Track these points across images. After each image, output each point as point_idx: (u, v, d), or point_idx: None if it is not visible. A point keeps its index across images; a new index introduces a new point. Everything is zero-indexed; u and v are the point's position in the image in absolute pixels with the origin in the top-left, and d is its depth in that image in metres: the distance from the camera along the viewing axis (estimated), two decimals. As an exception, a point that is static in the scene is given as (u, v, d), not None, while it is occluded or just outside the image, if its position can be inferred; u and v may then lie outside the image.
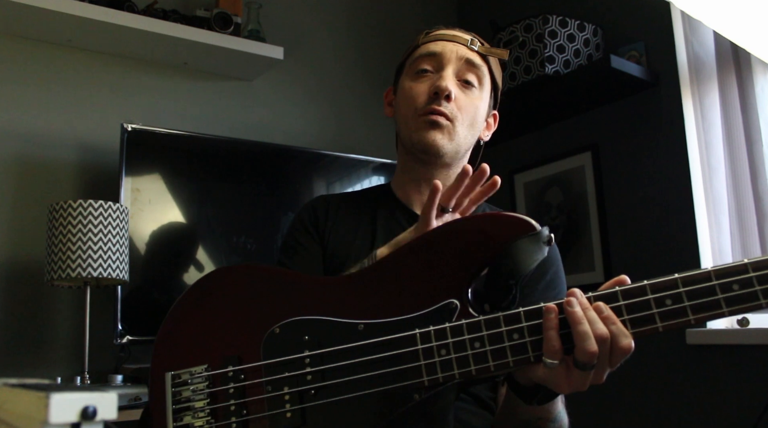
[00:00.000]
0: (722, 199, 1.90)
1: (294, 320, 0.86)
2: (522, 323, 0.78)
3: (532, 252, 0.83)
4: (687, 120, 2.03)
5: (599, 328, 0.75)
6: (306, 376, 0.83)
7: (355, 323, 0.84)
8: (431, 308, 0.82)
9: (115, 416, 0.43)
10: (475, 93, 1.11)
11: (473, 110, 1.11)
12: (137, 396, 1.58)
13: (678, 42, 2.07)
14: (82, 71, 2.09)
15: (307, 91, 2.51)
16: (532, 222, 0.82)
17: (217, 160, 2.11)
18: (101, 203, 1.71)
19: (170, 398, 0.88)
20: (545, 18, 2.16)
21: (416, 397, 0.79)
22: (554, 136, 2.47)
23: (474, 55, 1.11)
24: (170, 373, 0.89)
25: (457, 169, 1.16)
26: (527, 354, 0.77)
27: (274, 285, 0.90)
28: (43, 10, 1.85)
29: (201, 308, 0.92)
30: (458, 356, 0.78)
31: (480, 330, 0.79)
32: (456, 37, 1.12)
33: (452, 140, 1.10)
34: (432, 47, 1.12)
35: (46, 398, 0.41)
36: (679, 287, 0.78)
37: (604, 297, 0.78)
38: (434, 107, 1.07)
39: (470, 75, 1.11)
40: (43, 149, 1.99)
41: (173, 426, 0.86)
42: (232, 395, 0.85)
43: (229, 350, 0.88)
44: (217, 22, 2.14)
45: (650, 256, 2.10)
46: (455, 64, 1.10)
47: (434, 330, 0.80)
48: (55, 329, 1.92)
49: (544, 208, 2.46)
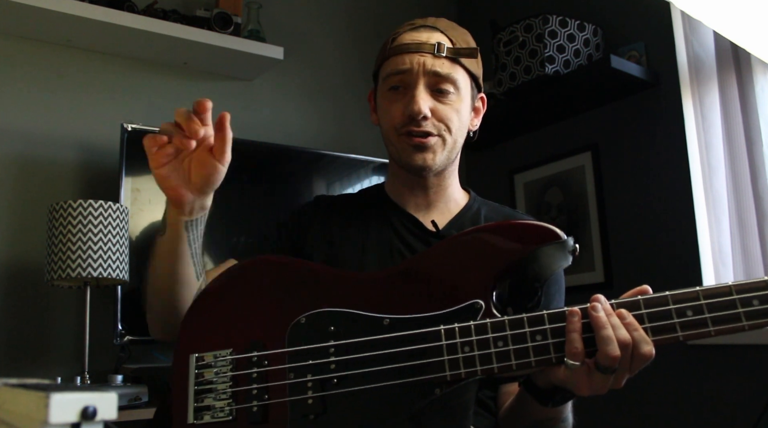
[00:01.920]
0: (722, 199, 1.90)
1: (320, 311, 0.88)
2: (545, 325, 0.80)
3: (558, 259, 0.87)
4: (687, 120, 2.03)
5: (622, 333, 0.78)
6: (330, 365, 0.85)
7: (381, 317, 0.86)
8: (457, 307, 0.84)
9: (115, 416, 0.43)
10: (452, 98, 1.08)
11: (456, 116, 1.09)
12: (137, 396, 1.58)
13: (678, 42, 2.07)
14: (82, 71, 2.09)
15: (307, 91, 2.51)
16: (559, 232, 0.86)
17: (217, 160, 2.11)
18: (101, 203, 1.71)
19: (193, 379, 0.89)
20: (545, 18, 2.16)
21: (437, 392, 0.81)
22: (554, 136, 2.47)
23: (442, 65, 1.07)
24: (194, 355, 0.91)
25: (452, 171, 1.16)
26: (549, 355, 0.80)
27: (302, 277, 0.93)
28: (43, 10, 1.85)
29: (229, 294, 0.95)
30: (481, 353, 0.80)
31: (504, 330, 0.81)
32: (421, 47, 1.07)
33: (443, 152, 1.09)
34: (399, 64, 1.08)
35: (46, 398, 0.41)
36: (701, 300, 0.79)
37: (626, 305, 0.81)
38: (413, 128, 1.06)
39: (443, 84, 1.07)
40: (43, 149, 1.99)
41: (194, 407, 0.88)
42: (255, 379, 0.87)
43: (254, 336, 0.90)
44: (217, 22, 2.14)
45: (650, 256, 2.10)
46: (425, 79, 1.06)
47: (459, 327, 0.82)
48: (55, 329, 1.92)
49: (544, 208, 2.46)
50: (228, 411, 0.86)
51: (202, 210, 0.96)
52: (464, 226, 1.13)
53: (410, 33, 1.11)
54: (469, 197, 1.21)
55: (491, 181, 2.65)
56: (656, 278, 2.07)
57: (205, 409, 0.87)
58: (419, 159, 1.08)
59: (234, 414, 0.86)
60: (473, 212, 1.17)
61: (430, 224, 1.10)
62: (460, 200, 1.19)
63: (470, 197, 1.21)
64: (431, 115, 1.06)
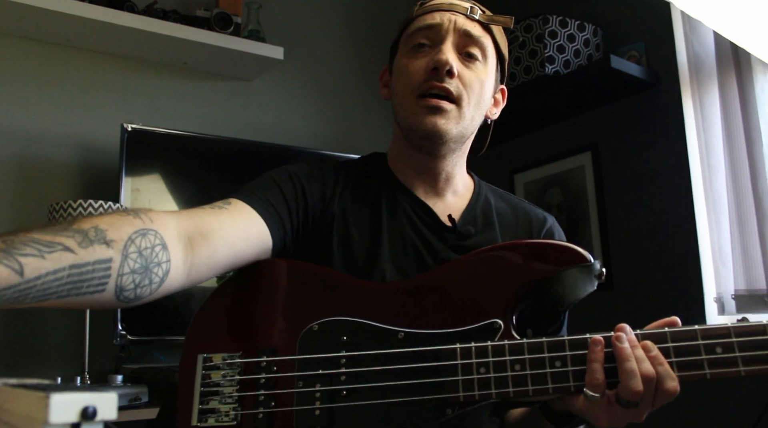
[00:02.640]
0: (722, 199, 1.90)
1: (334, 319, 0.85)
2: (565, 351, 0.77)
3: (583, 283, 0.82)
4: (687, 120, 2.03)
5: (646, 367, 0.74)
6: (340, 376, 0.82)
7: (396, 330, 0.83)
8: (474, 326, 0.81)
9: (115, 416, 0.43)
10: (479, 67, 1.00)
11: (479, 86, 1.00)
12: (137, 396, 1.58)
13: (678, 42, 2.07)
14: (82, 71, 2.09)
15: (307, 91, 2.51)
16: (586, 254, 0.82)
17: (217, 160, 2.11)
18: (101, 203, 1.71)
19: (199, 380, 0.87)
20: (545, 18, 2.16)
21: (449, 412, 0.78)
22: (554, 136, 2.47)
23: (475, 26, 0.99)
24: (202, 355, 0.88)
25: (461, 155, 1.08)
26: (568, 383, 0.76)
27: (316, 283, 0.90)
28: (43, 10, 1.85)
29: (241, 296, 0.92)
30: (497, 376, 0.77)
31: (522, 353, 0.77)
32: (454, 6, 1.00)
33: (459, 123, 0.99)
34: (428, 19, 1.00)
35: (46, 398, 0.41)
36: (732, 337, 0.75)
37: (652, 336, 0.77)
38: (435, 83, 0.96)
39: (472, 47, 0.99)
40: (43, 149, 1.99)
41: (199, 408, 0.85)
42: (263, 385, 0.84)
43: (264, 340, 0.87)
44: (217, 22, 2.14)
45: (650, 256, 2.10)
46: (454, 37, 0.99)
47: (475, 347, 0.79)
48: (55, 329, 1.92)
49: (544, 208, 2.45)
50: (233, 415, 0.84)
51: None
52: (477, 220, 1.06)
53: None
54: (474, 183, 1.14)
55: (491, 181, 2.63)
56: (656, 278, 2.07)
57: (210, 412, 0.85)
58: (430, 122, 0.97)
59: (239, 419, 0.84)
60: (483, 203, 1.10)
61: (445, 216, 1.03)
62: (465, 187, 1.12)
63: (475, 183, 1.14)
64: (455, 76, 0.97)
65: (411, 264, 0.99)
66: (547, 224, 1.12)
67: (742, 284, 1.84)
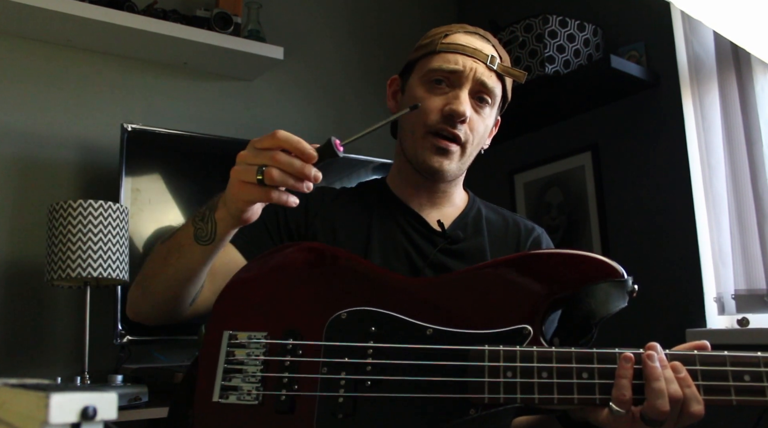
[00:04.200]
0: (722, 199, 1.90)
1: (363, 309, 0.86)
2: (593, 364, 0.77)
3: (615, 298, 0.83)
4: (687, 120, 2.03)
5: (674, 388, 0.75)
6: (366, 366, 0.83)
7: (425, 326, 0.84)
8: (504, 329, 0.82)
9: (115, 416, 0.43)
10: (486, 111, 1.09)
11: (483, 130, 1.10)
12: (137, 396, 1.58)
13: (678, 42, 2.07)
14: (82, 71, 2.09)
15: (307, 91, 2.51)
16: (620, 269, 0.83)
17: (217, 160, 2.11)
18: (101, 203, 1.71)
19: (223, 357, 0.87)
20: (545, 18, 2.16)
21: (472, 412, 0.79)
22: (554, 136, 2.47)
23: (491, 75, 1.07)
24: (228, 332, 0.89)
25: (460, 176, 1.16)
26: (594, 396, 0.77)
27: (348, 271, 0.91)
28: (43, 10, 1.85)
29: (271, 276, 0.93)
30: (523, 381, 0.78)
31: (550, 362, 0.78)
32: (476, 53, 1.06)
33: (460, 162, 1.09)
34: (451, 62, 1.06)
35: (46, 398, 0.41)
36: (761, 367, 0.76)
37: (681, 358, 0.78)
38: (448, 128, 1.04)
39: (485, 94, 1.08)
40: (43, 149, 1.99)
41: (221, 385, 0.86)
42: (287, 368, 0.85)
43: (290, 323, 0.88)
44: (217, 22, 2.14)
45: (650, 256, 2.10)
46: (472, 84, 1.06)
47: (503, 350, 0.79)
48: (55, 329, 1.92)
49: (544, 208, 2.46)
50: (255, 395, 0.84)
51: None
52: (468, 226, 1.13)
53: (465, 36, 1.10)
54: (468, 198, 1.21)
55: (491, 181, 2.65)
56: (656, 278, 2.07)
57: (232, 389, 0.86)
58: (437, 162, 1.06)
59: (261, 399, 0.84)
60: (475, 213, 1.17)
61: (435, 223, 1.09)
62: (461, 201, 1.19)
63: (470, 198, 1.21)
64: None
65: (402, 267, 1.05)
66: (535, 232, 1.17)
67: (742, 284, 1.84)
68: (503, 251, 1.10)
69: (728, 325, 1.90)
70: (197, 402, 0.87)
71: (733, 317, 1.87)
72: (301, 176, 0.83)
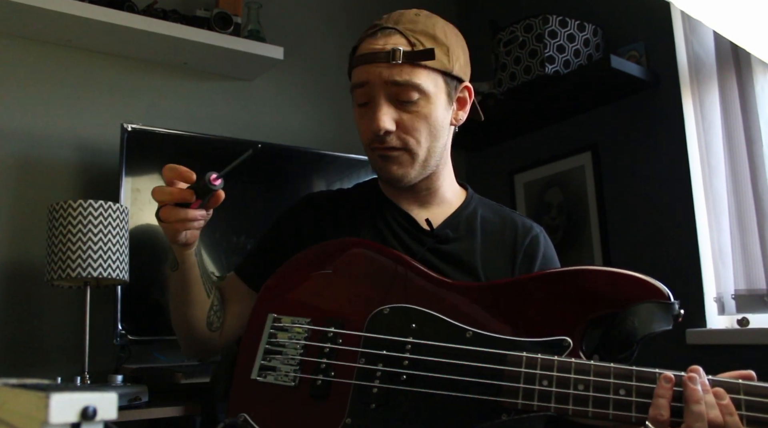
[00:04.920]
0: (722, 199, 1.90)
1: (406, 306, 0.88)
2: (632, 381, 0.77)
3: (659, 320, 0.82)
4: (687, 120, 2.03)
5: (715, 414, 0.73)
6: (403, 360, 0.84)
7: (465, 328, 0.85)
8: (543, 339, 0.82)
9: (115, 416, 0.43)
10: (419, 104, 1.03)
11: (424, 122, 1.03)
12: (137, 396, 1.58)
13: (678, 42, 2.07)
14: (82, 71, 2.09)
15: (307, 91, 2.51)
16: (666, 291, 0.83)
17: (217, 160, 2.11)
18: (101, 203, 1.71)
19: (266, 338, 0.91)
20: (545, 18, 2.16)
21: (504, 417, 0.79)
22: (554, 136, 2.47)
23: (401, 70, 1.00)
24: (272, 315, 0.92)
25: (441, 171, 1.12)
26: (630, 413, 0.76)
27: (395, 269, 0.93)
28: (43, 10, 1.85)
29: (319, 266, 0.96)
30: (559, 391, 0.77)
31: (588, 374, 0.77)
32: (375, 56, 1.02)
33: (414, 165, 1.05)
34: (358, 76, 1.06)
35: (46, 398, 0.41)
36: None
37: (724, 385, 0.77)
38: (378, 145, 1.04)
39: (405, 94, 1.02)
40: (43, 149, 1.99)
41: (260, 363, 0.89)
42: (326, 354, 0.88)
43: (334, 312, 0.91)
44: (217, 22, 2.14)
45: (650, 256, 2.10)
46: (384, 90, 1.02)
47: (541, 359, 0.79)
48: (55, 329, 1.92)
49: (544, 208, 2.46)
50: (292, 377, 0.87)
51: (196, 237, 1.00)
52: (459, 226, 1.11)
53: (368, 41, 1.07)
54: (466, 195, 1.18)
55: (491, 181, 2.65)
56: (656, 278, 2.07)
57: (271, 369, 0.89)
58: (387, 171, 1.06)
59: (297, 381, 0.87)
60: (469, 213, 1.15)
61: (424, 222, 1.09)
62: (454, 198, 1.17)
63: (467, 195, 1.18)
64: (396, 128, 1.03)
65: None
66: (533, 231, 1.15)
67: (742, 284, 1.84)
68: (497, 252, 1.09)
69: (728, 325, 1.90)
70: (236, 378, 0.91)
71: (733, 317, 1.87)
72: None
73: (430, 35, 1.04)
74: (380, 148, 1.04)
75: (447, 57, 1.05)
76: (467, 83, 1.12)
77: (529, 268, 1.09)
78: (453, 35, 1.08)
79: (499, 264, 1.08)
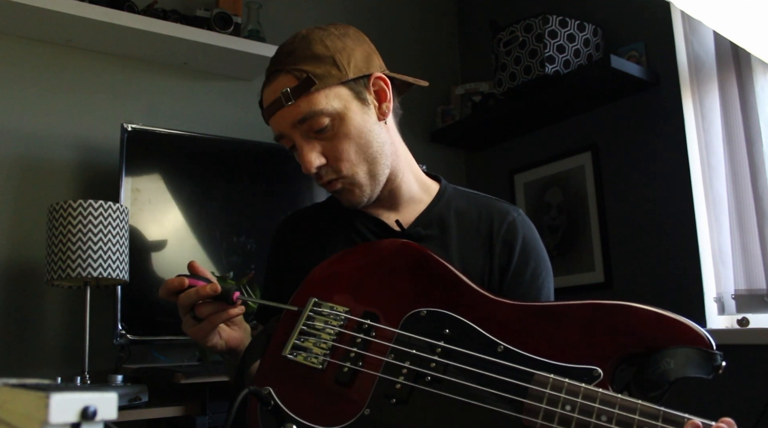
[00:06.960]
0: (722, 199, 1.90)
1: (443, 311, 0.90)
2: (658, 421, 0.75)
3: (696, 365, 0.81)
4: (687, 120, 2.03)
5: None
6: (431, 362, 0.85)
7: (498, 342, 0.85)
8: (574, 365, 0.81)
9: (115, 416, 0.43)
10: (335, 126, 1.02)
11: (347, 141, 1.03)
12: (137, 396, 1.58)
13: (678, 42, 2.07)
14: (82, 71, 2.09)
15: (307, 91, 2.51)
16: (709, 339, 0.81)
17: (217, 160, 2.11)
18: (101, 203, 1.71)
19: (304, 319, 0.94)
20: (545, 18, 2.16)
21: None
22: (554, 136, 2.47)
23: (299, 108, 1.01)
24: (314, 299, 0.96)
25: (397, 173, 1.11)
26: None
27: (438, 274, 0.95)
28: (43, 10, 1.85)
29: (366, 260, 1.00)
30: (580, 418, 0.76)
31: (613, 407, 0.75)
32: (274, 106, 1.03)
33: (363, 187, 1.06)
34: (273, 128, 1.07)
35: (46, 398, 0.41)
36: None
37: None
38: (319, 182, 1.08)
39: (315, 125, 1.01)
40: (43, 149, 1.99)
41: (294, 342, 0.92)
42: (357, 344, 0.90)
43: (372, 306, 0.94)
44: (217, 22, 2.14)
45: (650, 256, 2.10)
46: (298, 131, 1.03)
47: (568, 383, 0.78)
48: (55, 329, 1.92)
49: (544, 208, 2.46)
50: (321, 360, 0.90)
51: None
52: (432, 222, 1.11)
53: (265, 91, 1.08)
54: (439, 189, 1.16)
55: (491, 181, 2.65)
56: (656, 278, 2.07)
57: (302, 349, 0.92)
58: (343, 201, 1.10)
59: (325, 365, 0.89)
60: (441, 207, 1.13)
61: (394, 223, 1.09)
62: (424, 194, 1.15)
63: (440, 189, 1.16)
64: (326, 161, 1.04)
65: None
66: (510, 217, 1.13)
67: (742, 284, 1.84)
68: (474, 244, 1.09)
69: (728, 325, 1.90)
70: (269, 351, 0.95)
71: (733, 317, 1.87)
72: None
73: (309, 57, 1.03)
74: (323, 184, 1.08)
75: (335, 67, 1.03)
76: (376, 73, 1.10)
77: (509, 256, 1.08)
78: (336, 39, 1.06)
79: (477, 256, 1.08)
